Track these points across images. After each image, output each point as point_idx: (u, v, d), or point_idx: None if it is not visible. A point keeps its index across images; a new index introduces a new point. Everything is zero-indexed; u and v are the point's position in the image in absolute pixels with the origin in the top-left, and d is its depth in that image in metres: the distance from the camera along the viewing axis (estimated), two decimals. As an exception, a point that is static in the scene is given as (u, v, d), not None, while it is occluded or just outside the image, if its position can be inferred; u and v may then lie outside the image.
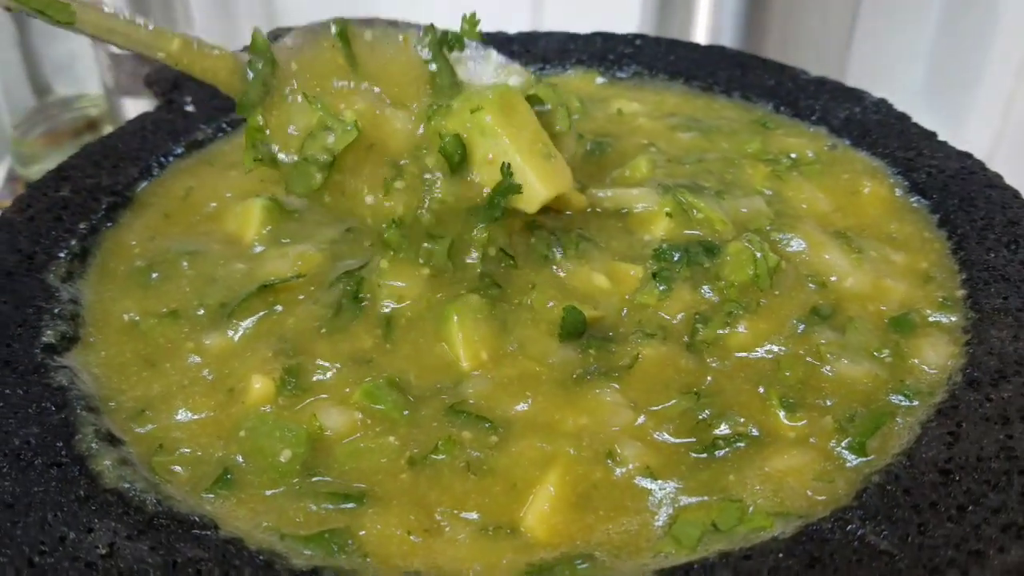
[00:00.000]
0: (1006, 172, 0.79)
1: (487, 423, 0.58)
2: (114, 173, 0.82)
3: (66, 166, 0.82)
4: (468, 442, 0.57)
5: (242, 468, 0.56)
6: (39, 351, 0.63)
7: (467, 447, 0.57)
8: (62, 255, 0.72)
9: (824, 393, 0.60)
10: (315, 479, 0.55)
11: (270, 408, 0.59)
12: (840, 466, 0.55)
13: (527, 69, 0.75)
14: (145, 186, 0.83)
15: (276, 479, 0.55)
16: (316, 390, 0.61)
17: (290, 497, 0.54)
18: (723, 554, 0.49)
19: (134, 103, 1.46)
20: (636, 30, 1.11)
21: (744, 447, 0.57)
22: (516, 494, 0.54)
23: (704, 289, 0.68)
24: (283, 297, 0.68)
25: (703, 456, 0.57)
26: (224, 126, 0.91)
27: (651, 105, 0.97)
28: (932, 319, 0.66)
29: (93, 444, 0.56)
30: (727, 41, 1.40)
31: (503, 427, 0.58)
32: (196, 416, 0.59)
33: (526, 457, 0.56)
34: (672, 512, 0.53)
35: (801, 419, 0.59)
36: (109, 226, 0.78)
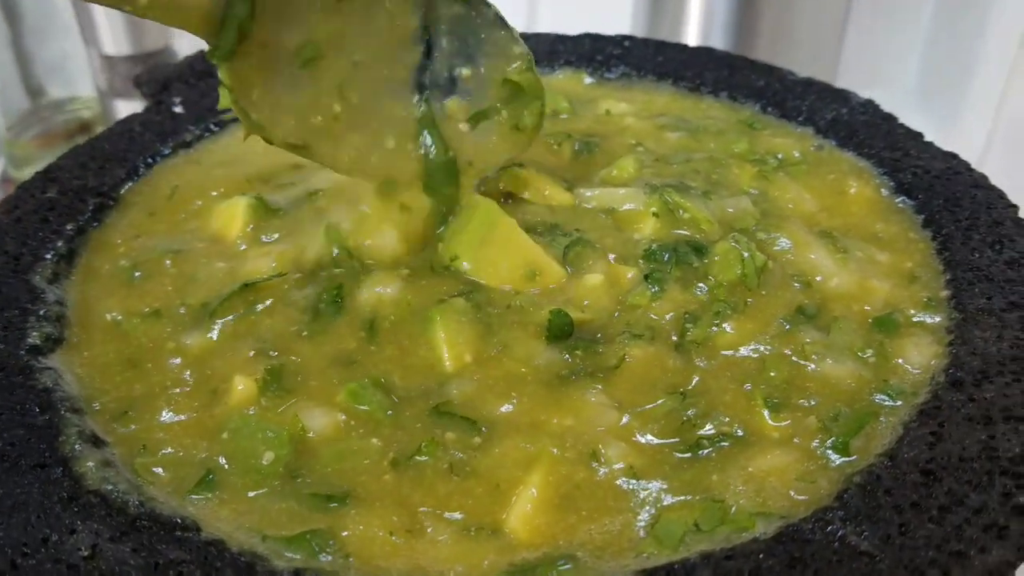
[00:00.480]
0: (998, 172, 0.79)
1: (471, 424, 0.58)
2: (100, 174, 0.82)
3: (53, 168, 0.82)
4: (451, 443, 0.57)
5: (225, 470, 0.56)
6: (24, 352, 0.63)
7: (450, 448, 0.56)
8: (48, 256, 0.72)
9: (808, 393, 0.60)
10: (298, 480, 0.55)
11: (253, 410, 0.59)
12: (823, 466, 0.55)
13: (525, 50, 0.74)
14: (131, 185, 0.83)
15: (259, 480, 0.55)
16: (299, 391, 0.60)
17: (273, 498, 0.54)
18: (704, 554, 0.49)
19: (127, 105, 1.45)
20: (627, 32, 1.11)
21: (728, 447, 0.57)
22: (499, 495, 0.54)
23: (694, 289, 0.68)
24: (265, 296, 0.68)
25: (687, 456, 0.56)
26: (212, 126, 0.91)
27: (639, 105, 0.97)
28: (916, 319, 0.66)
29: (77, 446, 0.56)
30: (718, 43, 1.41)
31: (487, 428, 0.57)
32: (179, 417, 0.59)
33: (509, 458, 0.56)
34: (655, 512, 0.53)
35: (785, 419, 0.59)
36: (95, 226, 0.78)
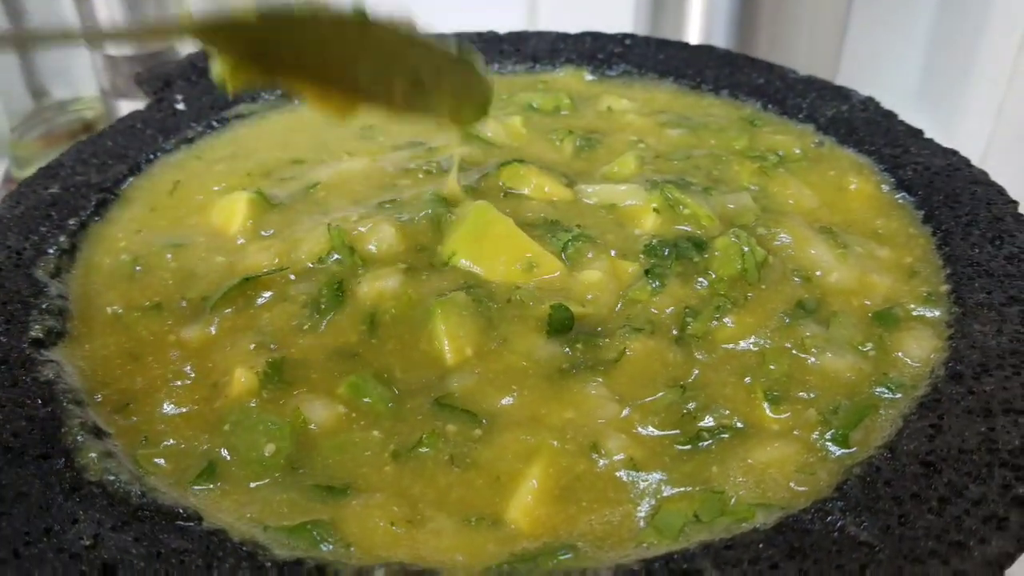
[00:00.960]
0: (999, 170, 0.79)
1: (472, 417, 0.58)
2: (103, 170, 0.82)
3: (56, 164, 0.82)
4: (452, 435, 0.57)
5: (226, 461, 0.56)
6: (27, 346, 0.63)
7: (451, 440, 0.57)
8: (50, 251, 0.72)
9: (808, 386, 0.61)
10: (299, 472, 0.55)
11: (254, 402, 0.59)
12: (823, 458, 0.55)
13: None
14: (133, 180, 0.84)
15: (260, 472, 0.55)
16: (300, 384, 0.61)
17: (274, 489, 0.54)
18: (704, 544, 0.49)
19: (129, 105, 1.45)
20: (629, 31, 1.11)
21: (728, 439, 0.57)
22: (499, 486, 0.54)
23: (694, 284, 0.68)
24: (265, 290, 0.68)
25: (687, 448, 0.57)
26: (214, 123, 0.92)
27: (641, 102, 0.97)
28: (916, 313, 0.66)
29: (79, 437, 0.56)
30: (719, 43, 1.41)
31: (488, 420, 0.58)
32: (180, 409, 0.59)
33: (510, 450, 0.56)
34: (655, 503, 0.53)
35: (785, 411, 0.59)
36: (97, 220, 0.78)
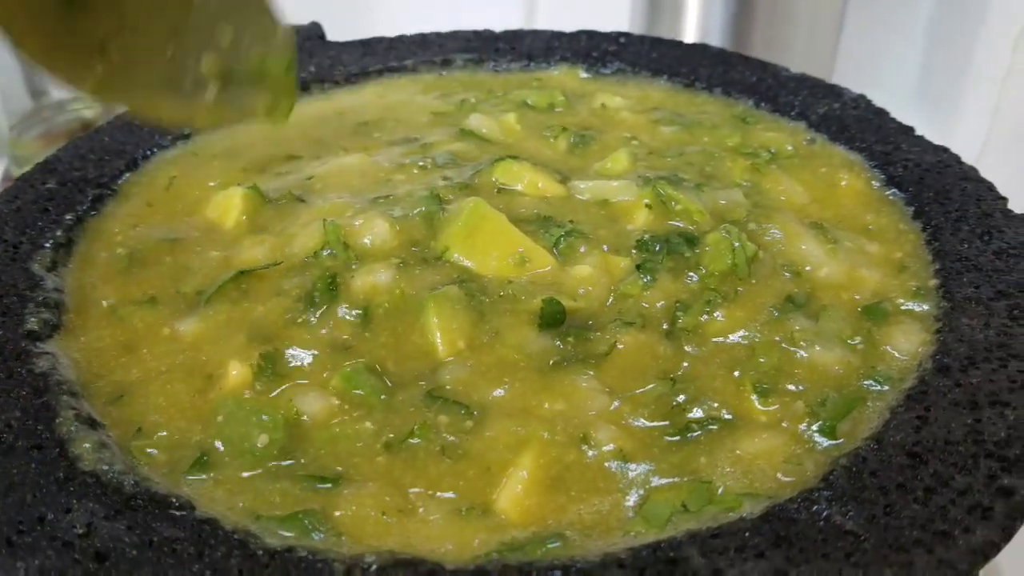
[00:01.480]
0: (996, 168, 0.80)
1: (463, 408, 0.58)
2: (100, 165, 0.83)
3: (53, 159, 0.83)
4: (444, 426, 0.57)
5: (219, 452, 0.56)
6: (22, 337, 0.63)
7: (443, 431, 0.57)
8: (47, 245, 0.73)
9: (797, 378, 0.61)
10: (292, 462, 0.56)
11: (248, 394, 0.60)
12: (810, 449, 0.56)
13: None
14: (129, 176, 0.84)
15: (253, 462, 0.56)
16: (293, 376, 0.61)
17: (267, 479, 0.55)
18: (691, 533, 0.49)
19: (128, 104, 1.46)
20: (626, 31, 1.12)
21: (716, 430, 0.57)
22: (490, 477, 0.55)
23: (685, 278, 0.68)
24: (259, 283, 0.69)
25: (676, 439, 0.57)
26: (211, 120, 0.92)
27: (634, 100, 0.98)
28: (905, 307, 0.67)
29: (73, 427, 0.56)
30: (716, 42, 1.41)
31: (479, 412, 0.58)
32: (174, 401, 0.60)
33: (501, 441, 0.56)
34: (643, 493, 0.54)
35: (773, 403, 0.59)
36: (93, 215, 0.79)
